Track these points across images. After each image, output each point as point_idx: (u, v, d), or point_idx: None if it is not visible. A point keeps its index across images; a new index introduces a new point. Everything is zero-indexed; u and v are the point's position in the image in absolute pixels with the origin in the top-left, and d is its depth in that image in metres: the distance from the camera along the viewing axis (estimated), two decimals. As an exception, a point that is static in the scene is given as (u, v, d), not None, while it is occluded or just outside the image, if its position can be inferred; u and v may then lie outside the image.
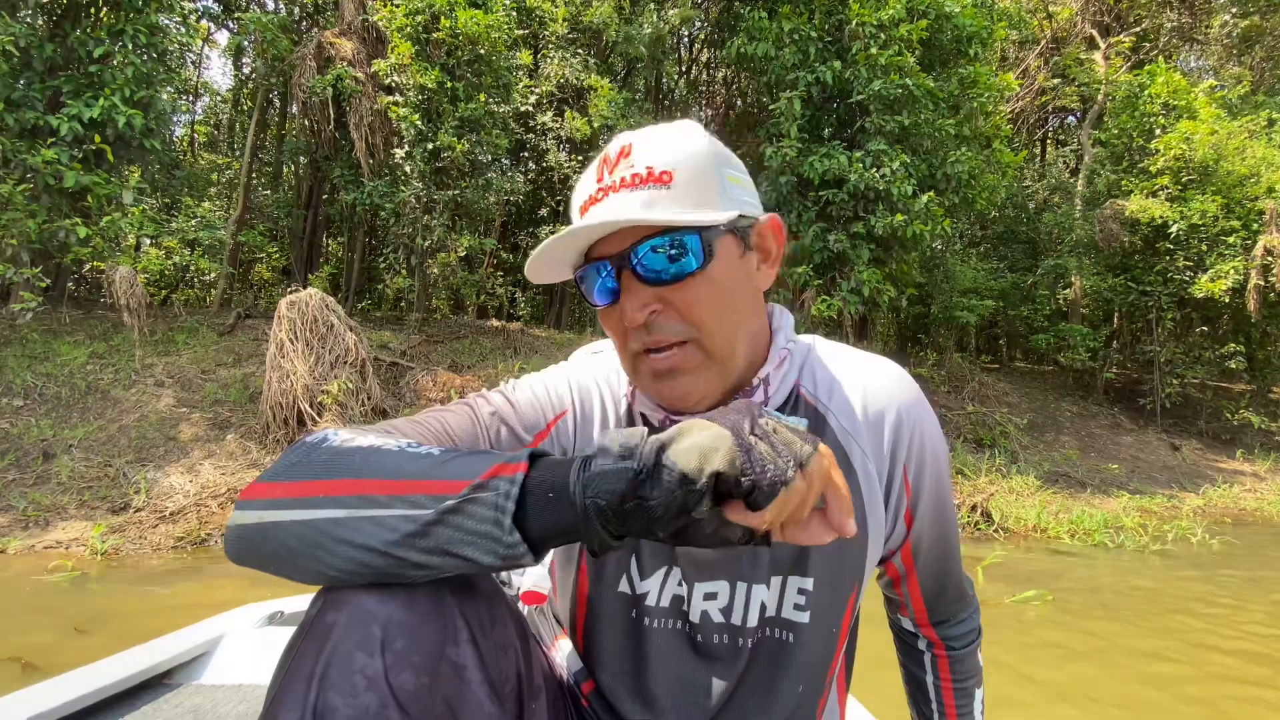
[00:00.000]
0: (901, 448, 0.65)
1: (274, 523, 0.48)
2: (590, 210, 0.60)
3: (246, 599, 3.76)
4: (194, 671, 1.30)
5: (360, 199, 8.37)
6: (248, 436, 5.99)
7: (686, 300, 0.58)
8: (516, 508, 0.46)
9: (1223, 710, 2.78)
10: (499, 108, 8.67)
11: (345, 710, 0.43)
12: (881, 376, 0.66)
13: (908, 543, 0.68)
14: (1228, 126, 10.42)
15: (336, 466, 0.50)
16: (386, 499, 0.47)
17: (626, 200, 0.58)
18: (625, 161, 0.59)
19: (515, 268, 11.98)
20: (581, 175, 0.64)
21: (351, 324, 6.67)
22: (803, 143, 8.60)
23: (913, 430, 0.65)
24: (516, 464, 0.47)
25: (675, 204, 0.57)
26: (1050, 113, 17.08)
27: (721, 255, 0.58)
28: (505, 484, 0.46)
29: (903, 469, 0.65)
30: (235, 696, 1.23)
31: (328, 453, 0.51)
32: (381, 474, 0.48)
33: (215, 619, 1.45)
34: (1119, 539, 6.26)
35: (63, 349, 6.42)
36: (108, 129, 6.52)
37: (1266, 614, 4.14)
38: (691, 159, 0.59)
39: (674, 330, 0.59)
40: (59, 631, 3.06)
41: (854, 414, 0.64)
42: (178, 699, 1.20)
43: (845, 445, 0.64)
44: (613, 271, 0.59)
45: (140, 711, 1.13)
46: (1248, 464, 10.41)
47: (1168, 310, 10.94)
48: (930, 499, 0.67)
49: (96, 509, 4.84)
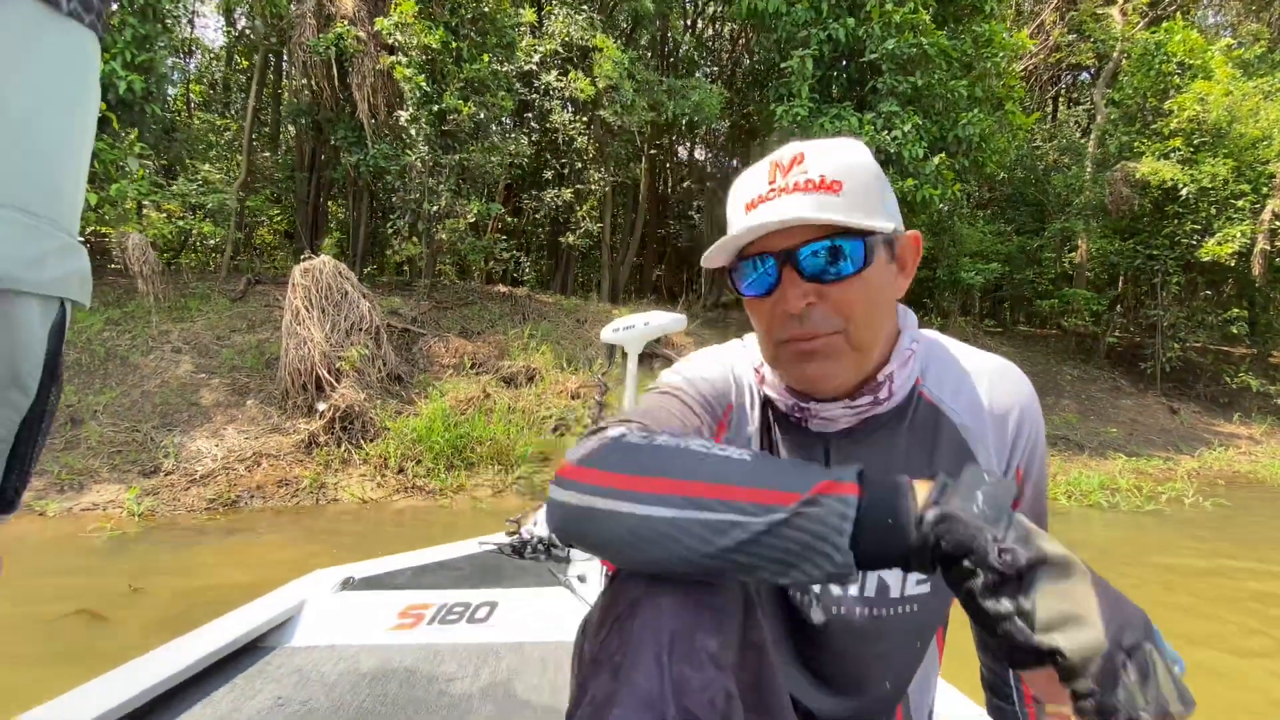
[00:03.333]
0: (1019, 447, 0.71)
1: (605, 511, 0.52)
2: (759, 208, 0.64)
3: (280, 558, 3.95)
4: (285, 635, 1.40)
5: (364, 161, 8.28)
6: (267, 402, 6.12)
7: (843, 297, 0.63)
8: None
9: (1195, 660, 2.97)
10: (503, 67, 8.50)
11: (695, 680, 0.48)
12: (1005, 380, 0.72)
13: None
14: (1243, 87, 10.24)
15: (657, 465, 0.53)
16: (713, 503, 0.49)
17: (800, 202, 0.62)
18: (799, 168, 0.63)
19: (519, 232, 11.92)
20: (745, 174, 0.68)
21: (364, 291, 6.73)
22: (813, 103, 8.47)
23: (1030, 431, 0.72)
24: (846, 483, 0.48)
25: (843, 211, 0.62)
26: (1064, 70, 16.68)
27: (876, 261, 0.64)
28: (838, 504, 0.47)
29: (1018, 465, 0.72)
30: (331, 656, 1.33)
31: (644, 450, 0.55)
32: (705, 477, 0.51)
33: (291, 585, 1.54)
34: (1114, 500, 6.46)
35: (79, 315, 6.48)
36: (109, 94, 6.43)
37: (1249, 571, 4.33)
38: (859, 172, 0.64)
39: (826, 322, 0.64)
40: (114, 588, 3.23)
41: (979, 413, 0.70)
42: (278, 660, 1.30)
43: (971, 443, 0.69)
44: (775, 266, 0.64)
45: (247, 674, 1.23)
46: (1244, 427, 10.60)
47: (1173, 274, 10.96)
48: (1033, 486, 0.74)
49: (128, 472, 5.00)
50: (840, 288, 0.63)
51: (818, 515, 0.47)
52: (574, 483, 0.55)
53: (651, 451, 0.54)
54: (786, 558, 0.48)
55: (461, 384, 6.87)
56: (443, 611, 1.49)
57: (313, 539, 4.34)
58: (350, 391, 5.87)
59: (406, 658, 1.35)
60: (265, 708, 1.13)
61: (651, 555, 0.51)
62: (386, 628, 1.44)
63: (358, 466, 5.60)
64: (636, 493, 0.52)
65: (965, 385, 0.71)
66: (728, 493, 0.50)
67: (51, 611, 2.89)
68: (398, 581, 1.62)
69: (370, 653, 1.36)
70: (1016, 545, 0.45)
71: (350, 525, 4.71)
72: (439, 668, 1.32)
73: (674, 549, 0.50)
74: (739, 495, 0.49)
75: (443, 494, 5.45)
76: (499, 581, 1.67)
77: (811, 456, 0.71)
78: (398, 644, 1.41)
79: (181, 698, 1.12)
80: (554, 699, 1.21)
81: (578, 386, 7.20)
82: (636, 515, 0.51)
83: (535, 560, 1.82)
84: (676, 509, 0.50)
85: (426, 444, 5.73)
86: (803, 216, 0.60)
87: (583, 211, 10.43)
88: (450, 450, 5.77)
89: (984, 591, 0.45)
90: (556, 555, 1.83)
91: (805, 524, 0.47)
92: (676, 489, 0.51)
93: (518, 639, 1.46)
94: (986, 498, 0.47)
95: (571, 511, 0.55)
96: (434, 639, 1.44)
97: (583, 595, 1.59)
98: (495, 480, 5.70)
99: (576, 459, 0.57)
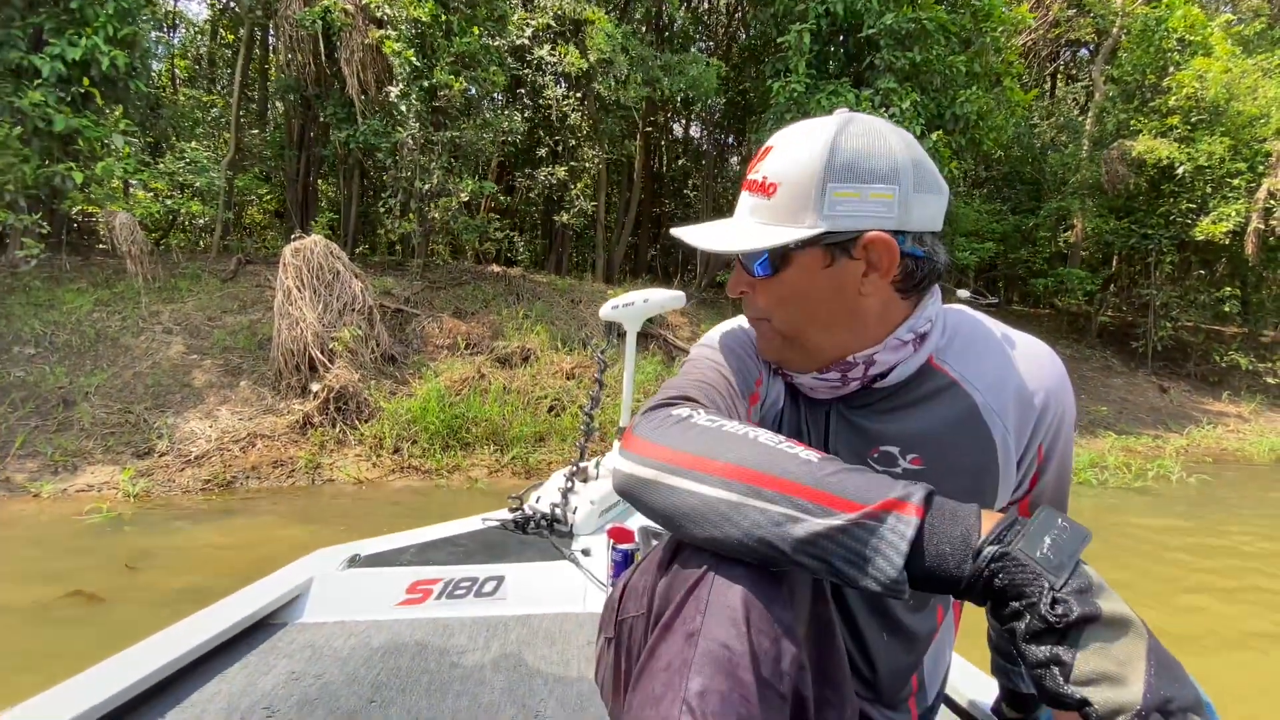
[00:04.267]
0: (1043, 427, 0.72)
1: (669, 486, 0.55)
2: (740, 195, 0.71)
3: (278, 538, 3.96)
4: (295, 611, 1.42)
5: (354, 138, 8.15)
6: (260, 383, 6.09)
7: (764, 293, 0.70)
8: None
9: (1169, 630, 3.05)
10: (495, 41, 8.34)
11: (772, 650, 0.50)
12: (1034, 362, 0.73)
13: (1027, 498, 0.78)
14: (1242, 65, 10.16)
15: (724, 449, 0.54)
16: (775, 495, 0.51)
17: (744, 203, 0.69)
18: (759, 165, 0.68)
19: (513, 211, 11.80)
20: None
21: (356, 271, 6.67)
22: (810, 79, 8.36)
23: (1056, 411, 0.73)
24: (911, 504, 0.48)
25: (770, 214, 0.66)
26: (1063, 46, 16.48)
27: (797, 265, 0.66)
28: (899, 523, 0.47)
29: (1039, 443, 0.73)
30: (342, 631, 1.35)
31: (711, 433, 0.56)
32: (771, 469, 0.52)
33: (297, 564, 1.56)
34: (1103, 477, 6.55)
35: (67, 297, 6.42)
36: (91, 70, 6.29)
37: (1229, 547, 4.42)
38: (798, 172, 0.64)
39: (754, 310, 0.72)
40: (110, 569, 3.24)
41: (1002, 391, 0.71)
42: (290, 636, 1.32)
43: (989, 422, 0.70)
44: None
45: (259, 650, 1.25)
46: (1233, 405, 10.71)
47: (1167, 253, 10.98)
48: (1056, 465, 0.76)
49: (122, 454, 4.99)
50: (763, 285, 0.70)
51: (876, 530, 0.47)
52: (640, 456, 0.58)
53: (718, 434, 0.56)
54: (838, 564, 0.48)
55: (456, 364, 6.86)
56: (450, 586, 1.51)
57: (310, 519, 4.36)
58: (344, 372, 5.85)
59: (417, 632, 1.37)
60: (280, 682, 1.14)
61: (708, 533, 0.53)
62: (395, 603, 1.46)
63: (353, 447, 5.61)
64: (700, 473, 0.54)
65: (990, 362, 0.73)
66: (791, 488, 0.50)
67: (47, 593, 2.91)
68: (403, 558, 1.64)
69: (380, 627, 1.38)
70: (1072, 598, 0.43)
71: (347, 505, 4.73)
72: (449, 641, 1.34)
73: (731, 532, 0.51)
74: (802, 493, 0.50)
75: (439, 474, 5.47)
76: (504, 556, 1.68)
77: (817, 420, 0.75)
78: (407, 618, 1.43)
79: (195, 675, 1.14)
80: (564, 669, 1.24)
81: (573, 367, 7.20)
82: (698, 494, 0.53)
83: (539, 536, 1.84)
84: (739, 495, 0.51)
85: (422, 425, 5.74)
86: (711, 248, 0.68)
87: (577, 190, 10.33)
88: (446, 431, 5.78)
89: (1026, 636, 0.45)
90: (560, 530, 1.86)
91: (863, 535, 0.48)
92: (740, 475, 0.52)
93: (526, 611, 1.48)
94: (1054, 544, 0.46)
95: (637, 483, 0.57)
96: (443, 613, 1.46)
97: (587, 568, 1.61)
98: (491, 461, 5.72)
99: (645, 432, 0.59)
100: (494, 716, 1.08)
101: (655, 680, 0.50)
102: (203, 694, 1.09)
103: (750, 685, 0.48)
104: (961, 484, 0.69)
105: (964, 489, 0.69)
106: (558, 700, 1.13)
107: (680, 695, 0.48)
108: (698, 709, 0.47)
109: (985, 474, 0.71)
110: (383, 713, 1.07)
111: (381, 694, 1.13)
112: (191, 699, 1.08)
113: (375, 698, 1.12)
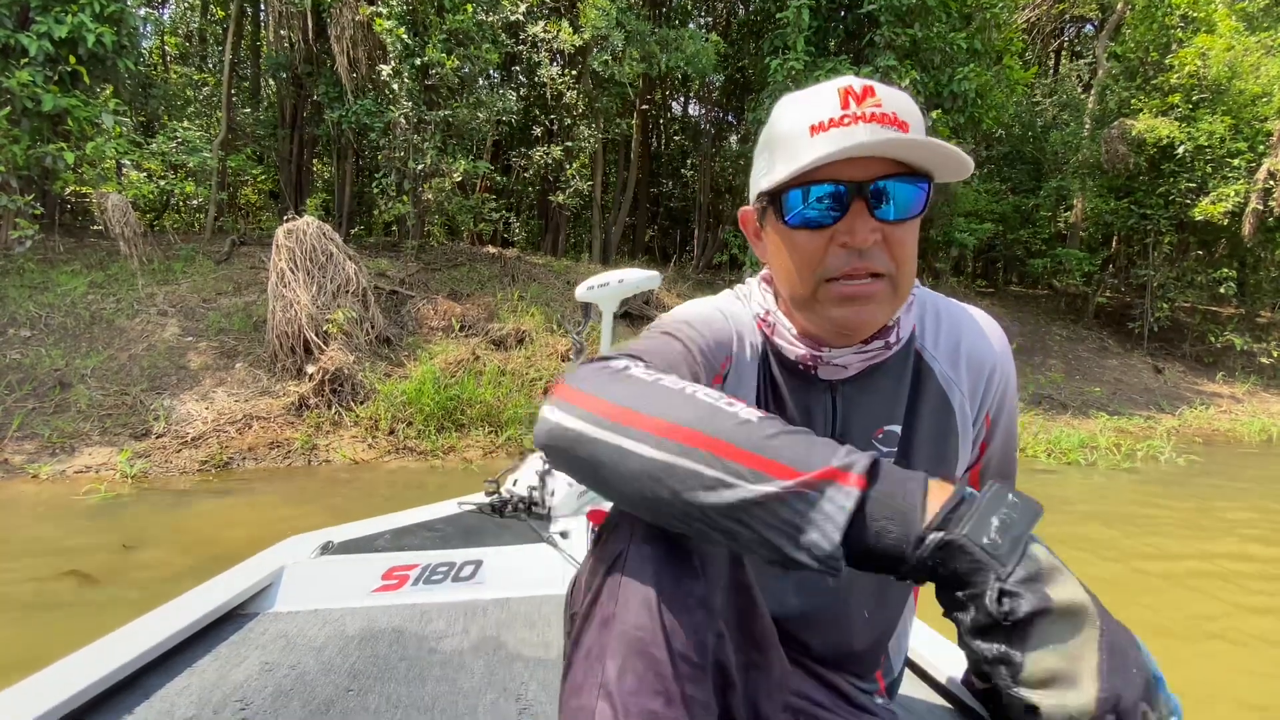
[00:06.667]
0: (991, 394, 0.74)
1: (592, 438, 0.50)
2: (832, 133, 0.59)
3: (274, 517, 4.02)
4: (266, 601, 1.39)
5: (345, 117, 8.07)
6: (256, 365, 6.12)
7: (900, 240, 0.62)
8: None
9: (1138, 602, 3.11)
10: (488, 17, 8.22)
11: (685, 623, 0.49)
12: (983, 332, 0.75)
13: (978, 465, 0.80)
14: (1245, 42, 10.02)
15: (658, 404, 0.50)
16: (708, 456, 0.47)
17: (878, 133, 0.59)
18: (871, 99, 0.60)
19: (509, 191, 11.72)
20: (800, 98, 0.64)
21: (350, 252, 6.66)
22: (809, 56, 8.26)
23: (1001, 380, 0.75)
24: (853, 473, 0.45)
25: None
26: (1067, 22, 16.22)
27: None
28: (838, 494, 0.44)
29: (987, 411, 0.75)
30: (316, 620, 1.33)
31: (647, 387, 0.52)
32: (706, 428, 0.48)
33: (270, 551, 1.53)
34: (1092, 458, 6.61)
35: (61, 279, 6.42)
36: (78, 48, 6.21)
37: (1212, 527, 4.48)
38: (918, 119, 0.62)
39: (883, 263, 0.62)
40: (107, 549, 3.30)
41: (957, 362, 0.73)
42: (262, 626, 1.29)
43: (947, 390, 0.72)
44: (846, 196, 0.60)
45: (231, 641, 1.22)
46: (1227, 386, 10.75)
47: (1166, 234, 10.94)
48: (1003, 433, 0.78)
49: (119, 435, 5.04)
50: (900, 229, 0.61)
51: (813, 500, 0.44)
52: (569, 405, 0.53)
53: (654, 389, 0.52)
54: (770, 535, 0.45)
55: (451, 346, 6.88)
56: (427, 572, 1.49)
57: (306, 499, 4.42)
58: (338, 354, 5.87)
59: (394, 618, 1.35)
60: (253, 673, 1.11)
61: (630, 492, 0.50)
62: (370, 589, 1.44)
63: (349, 428, 5.65)
64: (630, 428, 0.49)
65: (946, 335, 0.74)
66: (727, 450, 0.46)
67: (44, 571, 2.97)
68: (378, 544, 1.62)
69: (356, 615, 1.36)
70: (1021, 589, 0.41)
71: (343, 486, 4.78)
72: (427, 626, 1.32)
73: (657, 492, 0.48)
74: (739, 457, 0.46)
75: (434, 455, 5.52)
76: (481, 540, 1.67)
77: (818, 404, 0.71)
78: (383, 605, 1.41)
79: (164, 668, 1.10)
80: (544, 652, 1.23)
81: (567, 349, 7.22)
82: (627, 450, 0.49)
83: (516, 519, 1.83)
84: (668, 453, 0.48)
85: (416, 406, 5.78)
86: (915, 139, 0.57)
87: (573, 170, 10.24)
88: (440, 412, 5.83)
89: (973, 630, 0.43)
90: (537, 513, 1.85)
91: (799, 505, 0.44)
92: (672, 433, 0.48)
93: (504, 595, 1.47)
94: (1003, 524, 0.43)
95: (559, 433, 0.52)
96: (420, 599, 1.44)
97: (566, 550, 1.60)
98: (486, 442, 5.77)
99: (576, 382, 0.55)
100: (474, 700, 1.07)
101: (577, 669, 0.51)
102: (172, 687, 1.06)
103: (665, 662, 0.48)
104: (930, 453, 0.71)
105: (932, 457, 0.71)
106: (539, 682, 1.13)
107: (598, 681, 0.48)
108: (615, 693, 0.47)
109: (948, 441, 0.73)
110: (360, 701, 1.05)
111: (359, 682, 1.11)
112: (161, 693, 1.04)
113: (352, 686, 1.09)
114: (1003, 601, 0.42)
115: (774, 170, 0.63)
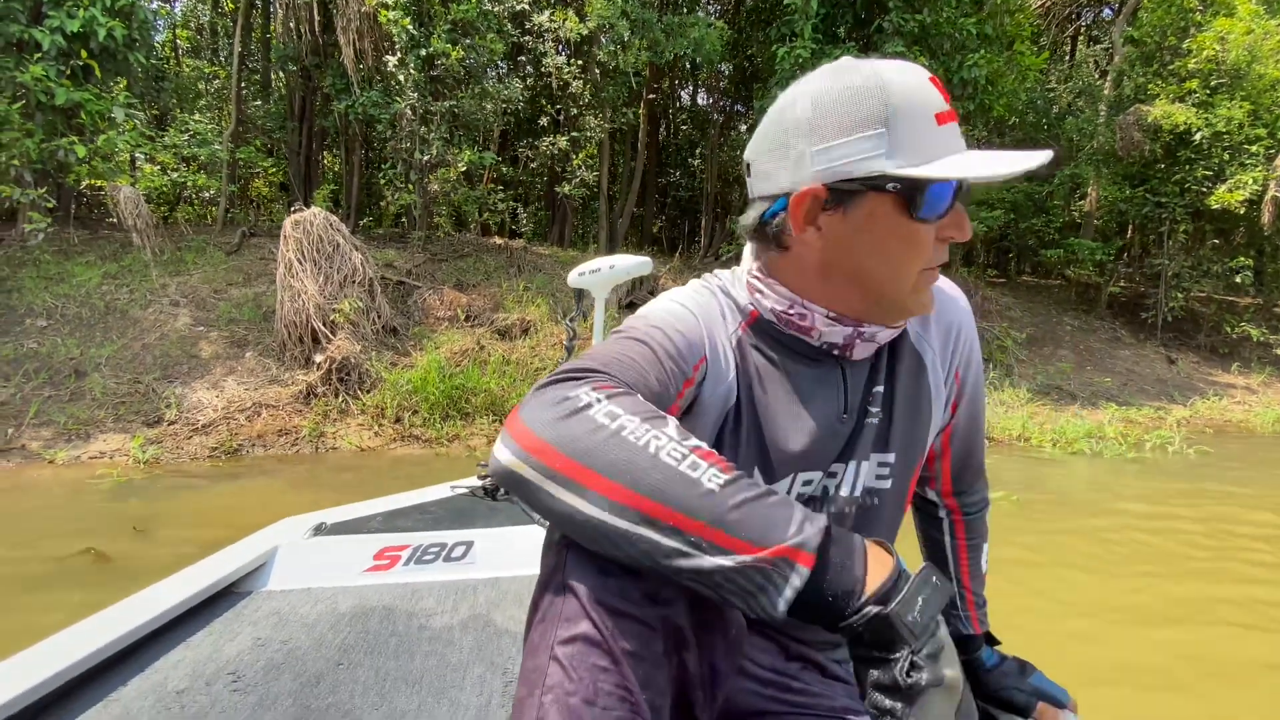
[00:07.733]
0: (959, 354, 0.79)
1: (549, 494, 0.51)
2: (950, 126, 0.61)
3: (282, 502, 4.11)
4: (260, 580, 1.42)
5: (352, 108, 8.13)
6: (265, 354, 6.23)
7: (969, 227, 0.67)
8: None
9: (1121, 592, 3.11)
10: (493, 7, 8.22)
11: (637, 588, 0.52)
12: (945, 295, 0.78)
13: (949, 427, 0.83)
14: (1265, 25, 9.77)
15: (616, 461, 0.50)
16: (666, 528, 0.49)
17: (956, 132, 0.62)
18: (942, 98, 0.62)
19: (516, 182, 11.74)
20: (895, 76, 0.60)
21: (357, 243, 6.74)
22: (817, 43, 8.19)
23: (967, 340, 0.79)
24: (804, 552, 0.48)
25: None
26: (1085, 5, 15.89)
27: None
28: (790, 571, 0.48)
29: (956, 366, 0.79)
30: (308, 598, 1.36)
31: (603, 434, 0.51)
32: (664, 499, 0.49)
33: (264, 531, 1.56)
34: (1098, 448, 6.55)
35: (76, 270, 6.55)
36: (90, 42, 6.31)
37: (1206, 522, 4.44)
38: None
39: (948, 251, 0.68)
40: (119, 530, 3.41)
41: (926, 321, 0.77)
42: (255, 604, 1.32)
43: (920, 350, 0.76)
44: (952, 193, 0.62)
45: (224, 618, 1.26)
46: (1242, 377, 10.58)
47: (1181, 222, 10.74)
48: (970, 392, 0.82)
49: (132, 422, 5.16)
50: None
51: (768, 574, 0.48)
52: (518, 449, 0.52)
53: (613, 441, 0.50)
54: (723, 594, 0.49)
55: (456, 336, 6.95)
56: (419, 552, 1.51)
57: (315, 485, 4.51)
58: (345, 343, 5.96)
59: (385, 597, 1.37)
60: (245, 648, 1.13)
61: (585, 541, 0.52)
62: (362, 569, 1.46)
63: (355, 417, 5.75)
64: (584, 487, 0.49)
65: None
66: (687, 524, 0.48)
67: (62, 550, 3.07)
68: (371, 526, 1.64)
69: (348, 594, 1.38)
70: (925, 664, 0.49)
71: (349, 472, 4.88)
72: (418, 605, 1.34)
73: (614, 553, 0.50)
74: (697, 530, 0.48)
75: (439, 443, 5.61)
76: (473, 522, 1.69)
77: (830, 378, 0.72)
78: (375, 584, 1.43)
79: (159, 642, 1.14)
80: None
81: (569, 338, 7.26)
82: (576, 509, 0.50)
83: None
84: (626, 521, 0.49)
85: (422, 395, 5.86)
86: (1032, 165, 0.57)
87: (579, 160, 10.24)
88: (446, 401, 5.90)
89: (875, 686, 0.51)
90: None
91: (754, 576, 0.48)
92: (630, 501, 0.49)
93: (494, 574, 1.49)
94: (925, 605, 0.49)
95: (509, 477, 0.52)
96: (411, 578, 1.46)
97: None
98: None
99: (530, 417, 0.53)
100: (463, 675, 1.09)
101: (534, 633, 0.53)
102: (167, 660, 1.08)
103: (612, 625, 0.50)
104: (907, 411, 0.74)
105: (908, 415, 0.75)
106: None
107: (550, 643, 0.51)
108: (563, 655, 0.50)
109: (922, 400, 0.76)
110: (350, 675, 1.07)
111: (349, 656, 1.13)
112: (156, 665, 1.07)
113: (343, 660, 1.12)
114: (910, 674, 0.49)
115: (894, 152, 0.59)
